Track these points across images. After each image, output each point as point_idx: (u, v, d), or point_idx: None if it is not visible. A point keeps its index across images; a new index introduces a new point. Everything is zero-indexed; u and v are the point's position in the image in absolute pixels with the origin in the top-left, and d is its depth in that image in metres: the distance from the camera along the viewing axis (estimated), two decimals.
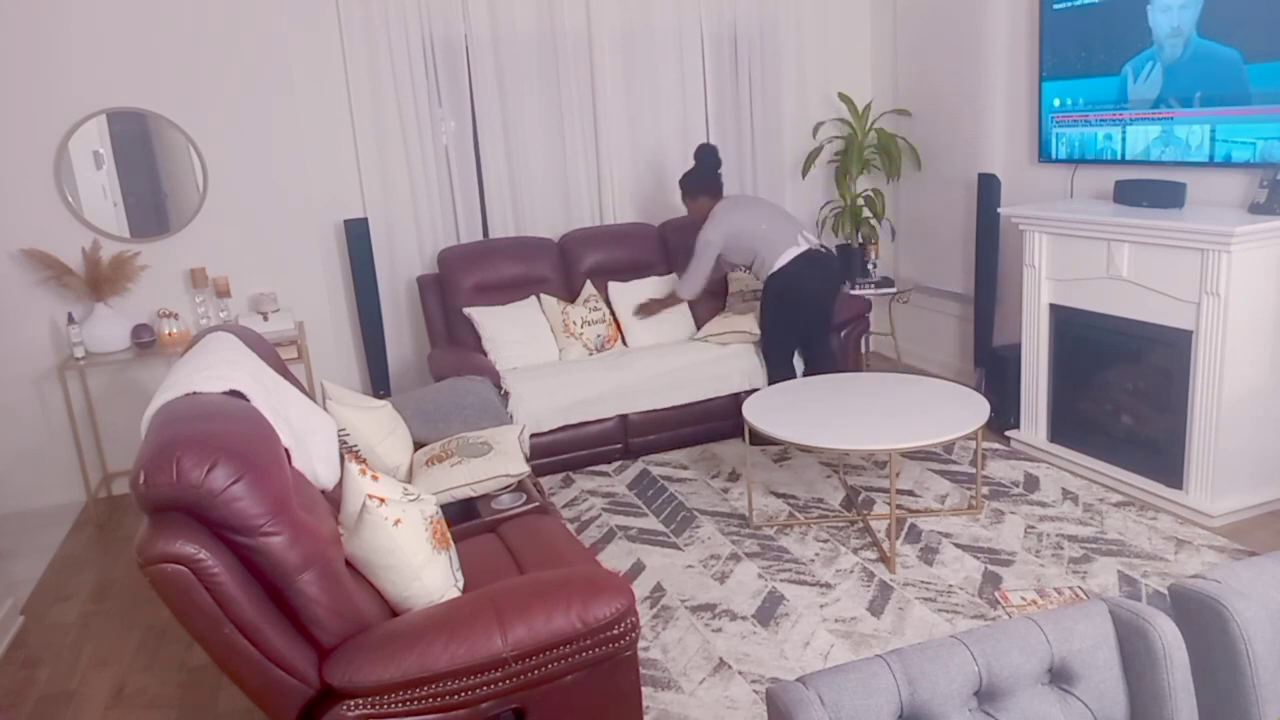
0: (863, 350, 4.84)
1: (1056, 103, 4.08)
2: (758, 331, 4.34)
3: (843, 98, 5.31)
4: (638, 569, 3.33)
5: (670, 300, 4.48)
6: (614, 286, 4.63)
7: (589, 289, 4.62)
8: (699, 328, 4.66)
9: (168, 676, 2.92)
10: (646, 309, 4.53)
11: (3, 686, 2.94)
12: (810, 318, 4.20)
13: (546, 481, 4.18)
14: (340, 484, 2.40)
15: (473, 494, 2.87)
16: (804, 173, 5.34)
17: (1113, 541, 3.26)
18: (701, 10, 5.07)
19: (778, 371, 4.26)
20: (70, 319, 4.11)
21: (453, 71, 4.73)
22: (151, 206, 4.36)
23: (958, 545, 3.31)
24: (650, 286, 4.68)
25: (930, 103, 5.11)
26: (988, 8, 4.57)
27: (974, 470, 3.93)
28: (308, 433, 2.43)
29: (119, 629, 3.24)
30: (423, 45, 4.60)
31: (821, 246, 4.20)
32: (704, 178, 4.30)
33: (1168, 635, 1.40)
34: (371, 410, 2.99)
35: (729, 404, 4.39)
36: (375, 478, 2.16)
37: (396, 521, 2.04)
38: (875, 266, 5.34)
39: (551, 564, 2.30)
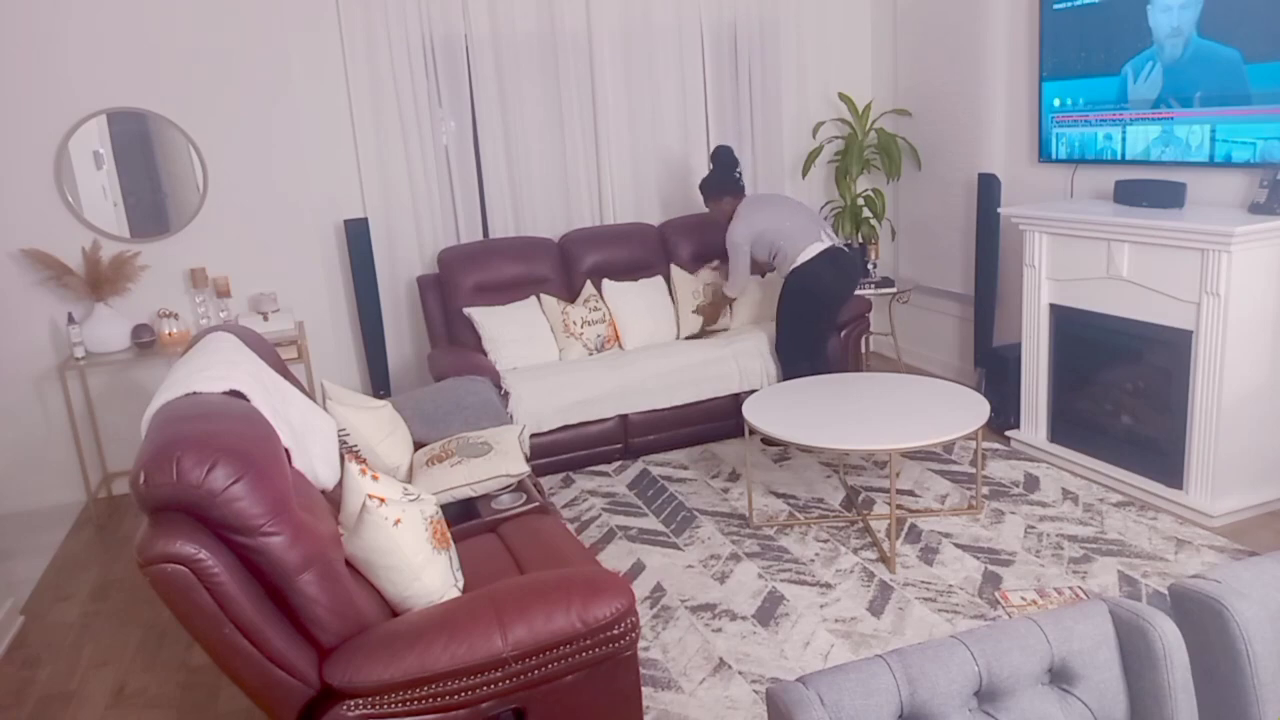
0: (863, 350, 4.84)
1: (1056, 103, 4.08)
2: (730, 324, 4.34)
3: (843, 98, 5.31)
4: (638, 569, 3.33)
5: (721, 300, 4.60)
6: (609, 285, 4.62)
7: (589, 289, 4.62)
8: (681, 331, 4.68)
9: (168, 676, 2.92)
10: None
11: (3, 686, 2.94)
12: (826, 316, 4.24)
13: (546, 481, 4.18)
14: (340, 484, 2.40)
15: (473, 494, 2.87)
16: (804, 173, 5.34)
17: (1113, 541, 3.26)
18: (701, 10, 5.07)
19: (792, 369, 4.27)
20: (70, 319, 4.11)
21: (453, 71, 4.73)
22: (151, 206, 4.36)
23: (958, 545, 3.31)
24: (647, 288, 4.68)
25: (930, 103, 5.11)
26: (988, 8, 4.57)
27: (974, 470, 3.93)
28: (308, 433, 2.43)
29: (119, 629, 3.24)
30: (423, 45, 4.60)
31: (846, 244, 4.21)
32: (721, 179, 4.33)
33: (1168, 635, 1.40)
34: (371, 410, 2.99)
35: (729, 404, 4.39)
36: (375, 478, 2.16)
37: (396, 521, 2.04)
38: (875, 266, 5.33)
39: (551, 564, 2.30)
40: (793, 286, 4.16)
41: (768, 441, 4.29)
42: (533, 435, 4.08)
